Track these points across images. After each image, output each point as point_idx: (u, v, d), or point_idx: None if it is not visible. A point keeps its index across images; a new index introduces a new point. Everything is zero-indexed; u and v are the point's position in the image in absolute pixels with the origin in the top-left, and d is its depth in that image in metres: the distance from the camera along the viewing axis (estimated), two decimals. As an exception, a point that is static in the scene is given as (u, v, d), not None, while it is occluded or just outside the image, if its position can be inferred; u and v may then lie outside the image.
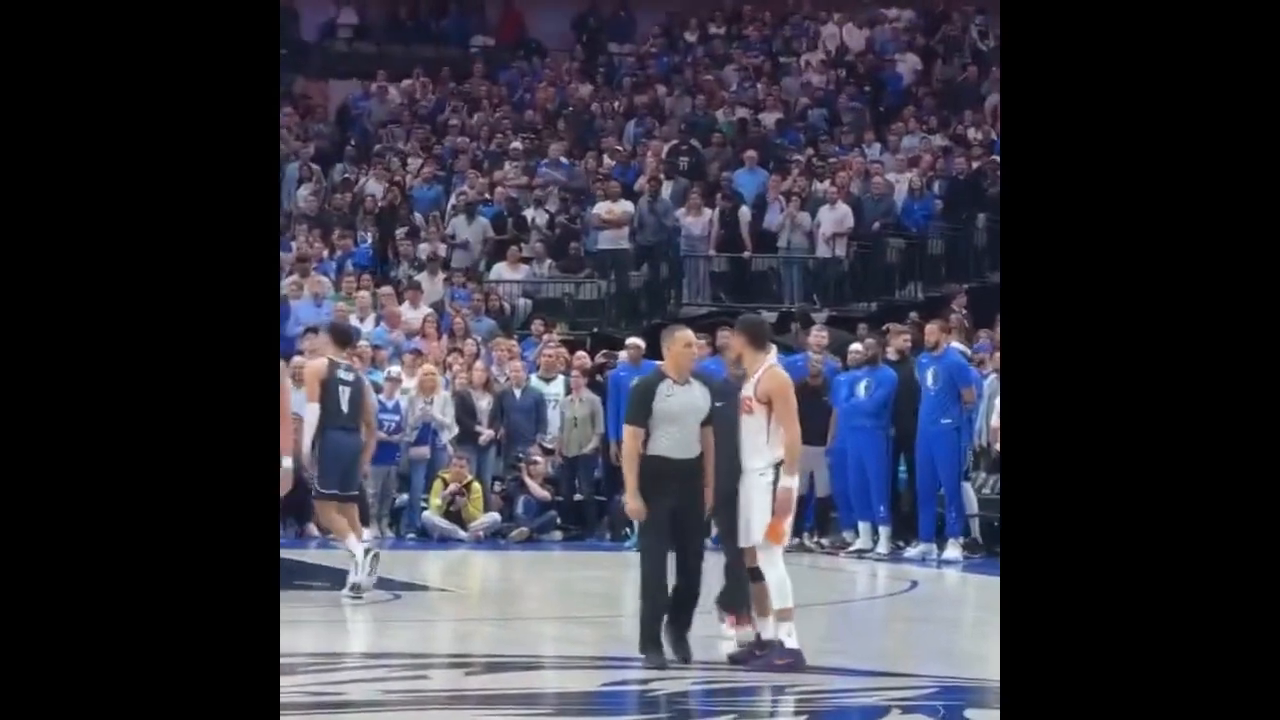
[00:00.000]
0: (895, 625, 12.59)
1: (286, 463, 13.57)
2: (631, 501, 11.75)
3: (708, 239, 28.86)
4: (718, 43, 36.24)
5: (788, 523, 11.67)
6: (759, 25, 36.32)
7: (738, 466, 11.89)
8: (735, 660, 11.81)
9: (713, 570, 11.88)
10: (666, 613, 11.76)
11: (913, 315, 23.25)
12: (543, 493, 22.20)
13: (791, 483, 11.63)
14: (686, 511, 11.80)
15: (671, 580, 11.79)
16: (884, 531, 19.83)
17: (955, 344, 20.40)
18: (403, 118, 34.52)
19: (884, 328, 22.09)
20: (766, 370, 11.76)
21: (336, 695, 11.28)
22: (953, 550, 19.37)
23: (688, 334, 12.41)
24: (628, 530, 18.97)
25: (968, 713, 9.57)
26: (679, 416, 11.82)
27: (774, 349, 11.99)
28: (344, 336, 15.75)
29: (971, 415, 19.72)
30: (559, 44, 37.34)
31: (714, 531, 12.30)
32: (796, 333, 23.46)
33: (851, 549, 19.90)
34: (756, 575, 11.78)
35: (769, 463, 11.65)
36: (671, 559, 11.84)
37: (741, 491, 11.68)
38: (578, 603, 12.10)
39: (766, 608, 11.76)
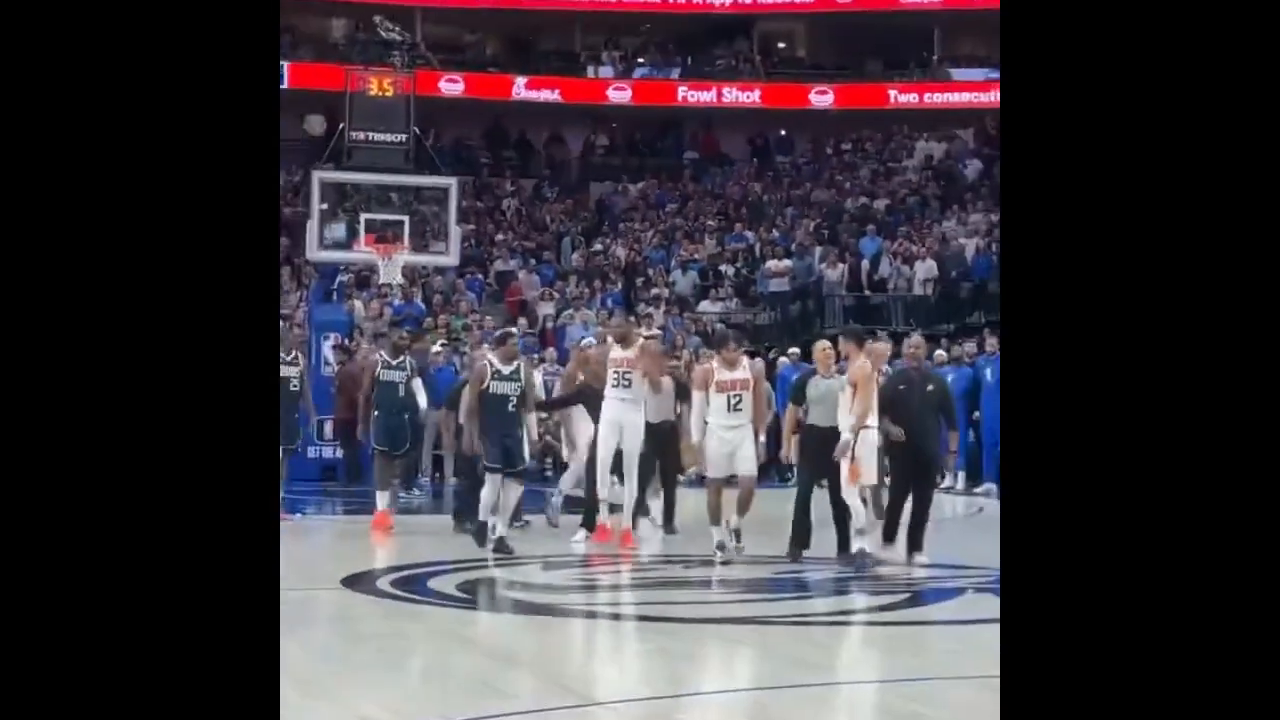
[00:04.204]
0: (970, 535, 12.48)
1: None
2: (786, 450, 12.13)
3: (841, 283, 28.80)
4: (847, 155, 36.17)
5: (867, 464, 11.48)
6: (875, 143, 36.20)
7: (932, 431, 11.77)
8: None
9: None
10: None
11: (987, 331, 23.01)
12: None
13: (851, 438, 11.32)
14: (826, 459, 11.60)
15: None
16: (960, 474, 19.68)
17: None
18: (639, 206, 34.64)
19: (959, 341, 21.96)
20: (856, 364, 11.59)
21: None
22: (1008, 488, 19.20)
23: (825, 344, 12.42)
24: (789, 474, 18.90)
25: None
26: (823, 398, 11.79)
27: (868, 350, 11.79)
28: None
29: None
30: (741, 155, 37.35)
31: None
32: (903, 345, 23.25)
33: (941, 486, 19.56)
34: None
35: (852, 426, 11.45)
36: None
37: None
38: (763, 524, 12.13)
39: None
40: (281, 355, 14.78)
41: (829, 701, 7.26)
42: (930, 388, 12.04)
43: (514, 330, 14.51)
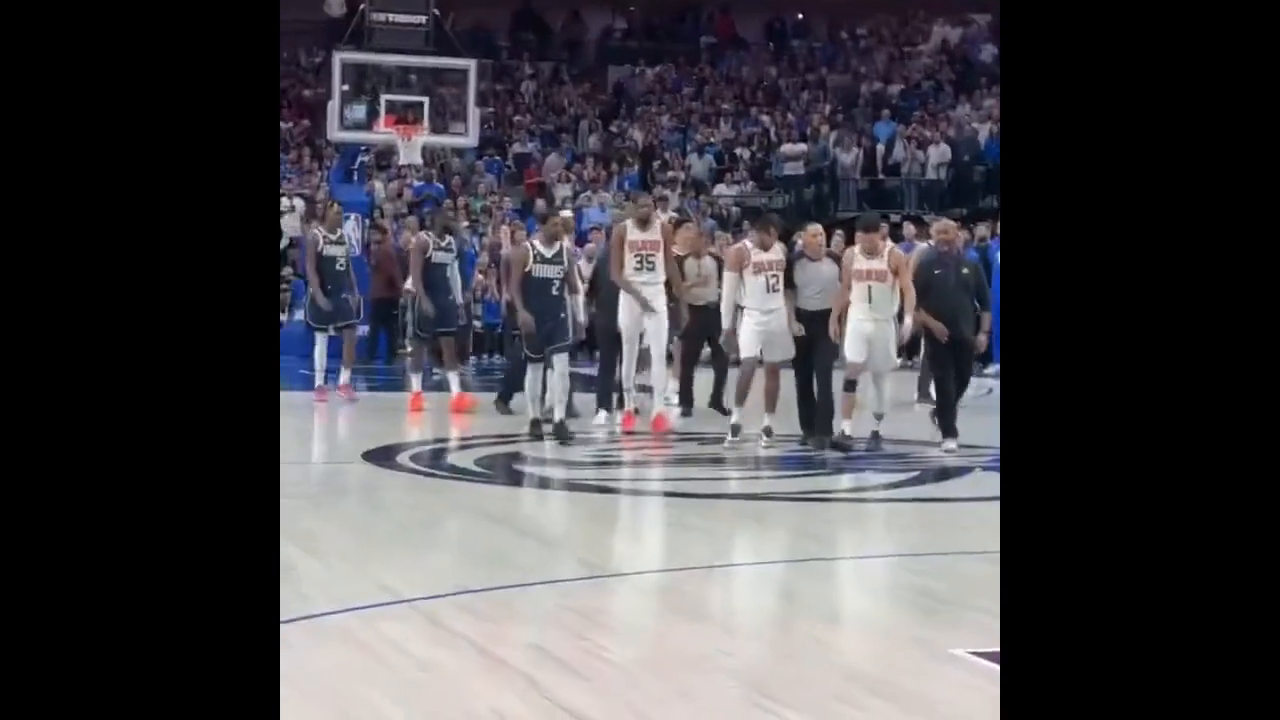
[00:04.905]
0: (979, 416, 12.39)
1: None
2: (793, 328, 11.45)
3: (855, 167, 28.55)
4: (863, 39, 35.69)
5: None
6: (890, 26, 35.73)
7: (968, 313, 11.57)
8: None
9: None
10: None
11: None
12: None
13: (909, 321, 11.21)
14: (821, 342, 11.39)
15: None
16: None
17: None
18: (655, 89, 34.31)
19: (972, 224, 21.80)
20: (890, 250, 11.41)
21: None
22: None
23: (816, 226, 12.16)
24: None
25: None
26: (811, 281, 11.57)
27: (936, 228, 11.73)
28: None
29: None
30: (758, 39, 36.91)
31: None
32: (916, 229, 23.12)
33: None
34: (851, 387, 11.34)
35: (896, 311, 11.30)
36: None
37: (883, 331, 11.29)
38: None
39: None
40: (328, 235, 14.67)
41: (839, 574, 7.30)
42: (965, 271, 11.90)
43: (558, 207, 14.09)
